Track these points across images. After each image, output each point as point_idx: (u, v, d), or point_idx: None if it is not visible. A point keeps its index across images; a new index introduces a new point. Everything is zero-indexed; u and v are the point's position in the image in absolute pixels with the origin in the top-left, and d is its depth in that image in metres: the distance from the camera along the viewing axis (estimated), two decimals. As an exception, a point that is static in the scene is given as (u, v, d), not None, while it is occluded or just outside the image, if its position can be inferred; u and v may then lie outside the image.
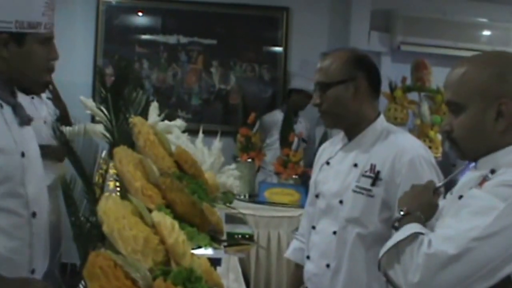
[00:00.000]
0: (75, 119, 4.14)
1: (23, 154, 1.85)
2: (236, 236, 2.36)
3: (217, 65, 5.86)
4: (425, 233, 1.53)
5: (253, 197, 4.70)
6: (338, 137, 2.40)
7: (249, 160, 4.76)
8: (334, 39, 5.96)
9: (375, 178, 2.14)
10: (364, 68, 2.23)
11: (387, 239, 1.80)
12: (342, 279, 2.19)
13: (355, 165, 2.21)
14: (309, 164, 4.57)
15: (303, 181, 4.84)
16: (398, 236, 1.56)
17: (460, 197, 1.60)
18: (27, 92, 1.97)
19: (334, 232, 2.21)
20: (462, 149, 1.64)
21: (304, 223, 2.54)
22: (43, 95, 4.18)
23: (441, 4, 5.92)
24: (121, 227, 1.41)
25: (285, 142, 4.91)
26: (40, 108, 4.02)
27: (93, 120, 4.66)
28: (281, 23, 5.97)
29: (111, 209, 1.45)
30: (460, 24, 5.97)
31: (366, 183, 2.16)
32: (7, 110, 1.85)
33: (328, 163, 2.33)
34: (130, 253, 1.36)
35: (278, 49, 6.01)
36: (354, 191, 2.17)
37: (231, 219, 2.52)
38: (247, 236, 3.22)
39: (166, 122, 3.21)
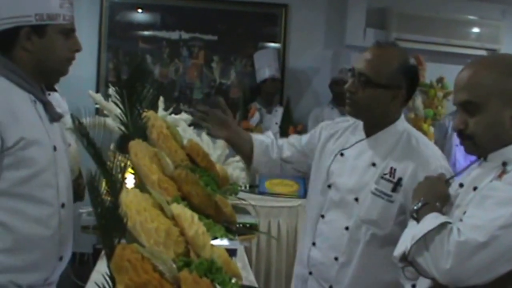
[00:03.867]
0: (80, 113, 4.21)
1: (54, 148, 1.92)
2: (240, 226, 2.33)
3: (218, 60, 5.94)
4: (452, 223, 1.61)
5: (254, 188, 4.77)
6: (350, 125, 2.34)
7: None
8: (331, 35, 6.10)
9: (396, 184, 2.12)
10: (410, 79, 2.18)
11: (399, 239, 1.82)
12: (351, 273, 2.18)
13: (374, 164, 2.17)
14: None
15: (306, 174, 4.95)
16: (426, 226, 1.63)
17: (475, 188, 1.69)
18: (49, 86, 2.03)
19: (347, 228, 2.19)
20: (478, 145, 1.71)
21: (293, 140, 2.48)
22: (59, 92, 4.24)
23: (434, 2, 6.06)
24: (143, 219, 1.39)
25: (284, 135, 4.98)
26: (57, 104, 3.98)
27: (96, 113, 4.73)
28: (280, 19, 6.06)
29: (132, 202, 1.44)
30: (451, 21, 6.11)
31: (386, 187, 2.13)
32: (39, 106, 1.93)
33: (342, 154, 2.26)
34: (152, 245, 1.35)
35: (277, 44, 6.09)
36: (374, 194, 2.14)
37: (235, 209, 2.59)
38: (250, 225, 3.31)
39: (173, 115, 3.32)
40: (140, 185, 1.77)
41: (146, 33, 5.99)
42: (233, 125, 2.38)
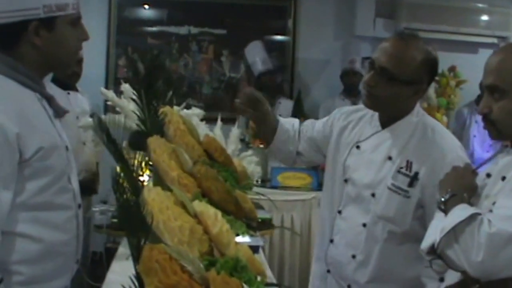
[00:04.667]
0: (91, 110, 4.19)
1: (67, 148, 1.83)
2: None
3: (228, 54, 5.91)
4: (482, 214, 1.58)
5: (266, 182, 4.74)
6: (365, 115, 2.28)
7: (261, 145, 4.81)
8: (340, 26, 6.07)
9: (413, 178, 2.07)
10: (431, 75, 2.11)
11: (419, 235, 1.83)
12: (370, 271, 2.13)
13: (390, 158, 2.11)
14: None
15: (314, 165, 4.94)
16: (455, 217, 1.60)
17: (503, 178, 1.66)
18: (71, 86, 1.94)
19: (364, 225, 2.13)
20: (499, 130, 1.69)
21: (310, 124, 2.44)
22: (80, 91, 4.18)
23: (442, -10, 6.01)
24: (166, 218, 1.36)
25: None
26: (75, 103, 3.99)
27: (105, 111, 4.72)
28: (289, 12, 6.04)
29: (155, 200, 1.41)
30: (461, 10, 6.07)
31: (403, 182, 2.07)
32: (45, 103, 1.80)
33: (358, 147, 2.21)
34: (176, 245, 1.31)
35: (286, 37, 6.07)
36: (390, 189, 2.09)
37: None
38: (263, 220, 3.29)
39: (185, 111, 3.30)
40: (160, 182, 1.74)
41: (154, 28, 5.97)
42: (265, 105, 2.35)
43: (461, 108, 5.72)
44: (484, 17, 6.18)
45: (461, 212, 1.61)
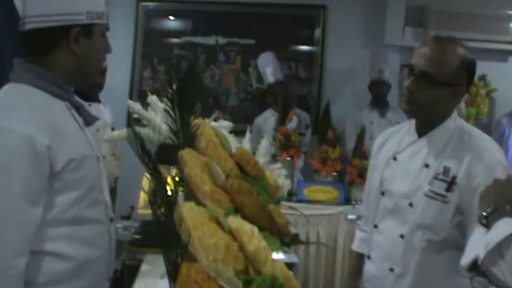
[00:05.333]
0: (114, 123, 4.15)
1: (98, 159, 1.79)
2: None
3: (255, 64, 5.84)
4: None
5: (292, 195, 4.68)
6: (402, 128, 2.28)
7: (288, 158, 4.78)
8: (369, 35, 6.01)
9: (451, 183, 2.03)
10: (469, 76, 2.11)
11: (458, 243, 1.81)
12: (408, 283, 2.09)
13: (427, 165, 2.09)
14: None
15: (341, 178, 4.87)
16: (499, 233, 1.55)
17: None
18: (93, 97, 1.91)
19: (401, 236, 2.10)
20: None
21: (364, 213, 2.43)
22: (102, 102, 4.11)
23: (472, -2, 5.91)
24: (201, 235, 1.34)
25: (323, 139, 4.92)
26: (97, 115, 3.94)
27: (128, 124, 4.69)
28: (317, 21, 5.98)
29: (188, 216, 1.38)
30: (491, 17, 5.96)
31: (440, 187, 2.05)
32: (74, 112, 1.77)
33: (395, 158, 2.19)
34: (211, 263, 1.29)
35: (315, 47, 6.01)
36: (427, 196, 2.06)
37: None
38: (293, 235, 3.23)
39: (213, 123, 3.25)
40: (192, 196, 1.69)
41: (181, 39, 5.95)
42: None
43: (499, 119, 5.61)
44: (515, 25, 6.05)
45: (505, 226, 1.55)
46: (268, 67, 5.47)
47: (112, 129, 3.60)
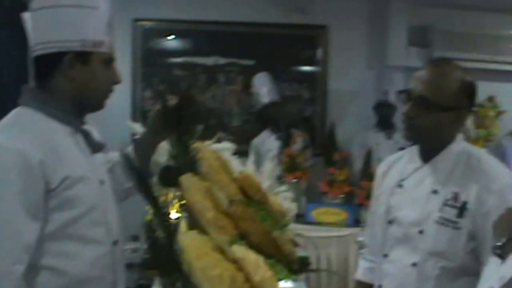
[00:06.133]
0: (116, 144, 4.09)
1: (101, 182, 1.85)
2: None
3: (256, 85, 5.77)
4: None
5: (299, 217, 4.60)
6: (404, 155, 2.25)
7: (294, 180, 4.71)
8: (372, 55, 5.96)
9: (461, 208, 1.98)
10: (471, 99, 2.05)
11: (473, 270, 1.75)
12: None
13: (435, 191, 2.04)
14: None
15: (349, 200, 4.82)
16: None
17: None
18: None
19: (414, 264, 2.04)
20: None
21: (369, 242, 2.39)
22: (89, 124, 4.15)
23: (478, 18, 5.87)
24: (205, 266, 1.33)
25: (329, 162, 4.86)
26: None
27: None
28: (318, 41, 5.94)
29: (190, 246, 1.37)
30: (497, 37, 5.93)
31: (451, 214, 1.99)
32: (80, 138, 1.86)
33: (400, 185, 2.15)
34: None
35: (317, 67, 5.97)
36: (438, 222, 2.01)
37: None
38: (303, 259, 3.16)
39: (216, 145, 3.18)
40: (194, 224, 1.64)
41: (180, 59, 5.89)
42: None
43: (499, 139, 5.52)
44: (522, 46, 6.01)
45: None
46: (263, 88, 5.39)
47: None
